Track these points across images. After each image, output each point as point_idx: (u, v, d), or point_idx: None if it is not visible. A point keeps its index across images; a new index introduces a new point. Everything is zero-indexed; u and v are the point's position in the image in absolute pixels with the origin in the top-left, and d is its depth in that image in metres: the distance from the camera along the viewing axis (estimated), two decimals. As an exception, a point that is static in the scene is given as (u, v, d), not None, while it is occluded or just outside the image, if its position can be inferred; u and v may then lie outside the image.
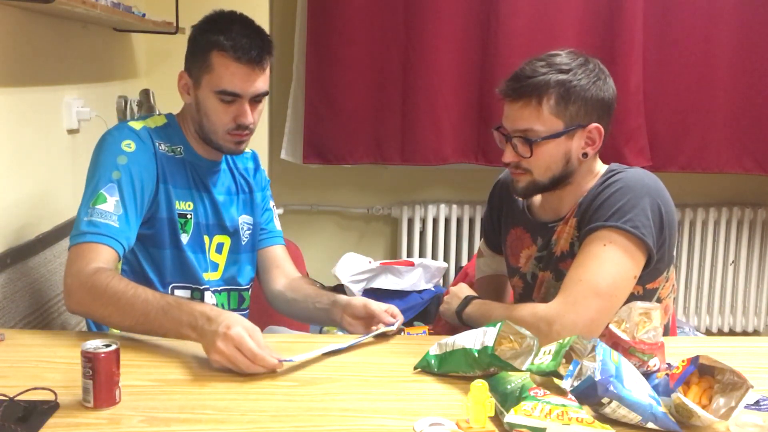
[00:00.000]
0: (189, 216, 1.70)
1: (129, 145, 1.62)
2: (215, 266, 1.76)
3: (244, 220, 1.82)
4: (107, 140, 1.64)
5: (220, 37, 1.61)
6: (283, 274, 1.87)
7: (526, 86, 1.54)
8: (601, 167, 1.65)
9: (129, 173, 1.59)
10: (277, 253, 1.90)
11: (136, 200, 1.59)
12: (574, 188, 1.62)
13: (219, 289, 1.77)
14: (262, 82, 1.65)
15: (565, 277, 1.54)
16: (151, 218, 1.63)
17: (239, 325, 1.32)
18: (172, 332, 1.41)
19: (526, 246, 1.72)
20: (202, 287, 1.72)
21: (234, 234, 1.79)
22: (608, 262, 1.50)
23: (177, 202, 1.68)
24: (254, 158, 1.90)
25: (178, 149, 1.71)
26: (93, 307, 1.49)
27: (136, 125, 1.67)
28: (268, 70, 1.66)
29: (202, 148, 1.72)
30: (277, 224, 1.94)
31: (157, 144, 1.66)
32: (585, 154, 1.59)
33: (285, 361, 1.36)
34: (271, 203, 1.94)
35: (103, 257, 1.51)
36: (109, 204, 1.55)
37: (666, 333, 1.67)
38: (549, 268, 1.65)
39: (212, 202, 1.75)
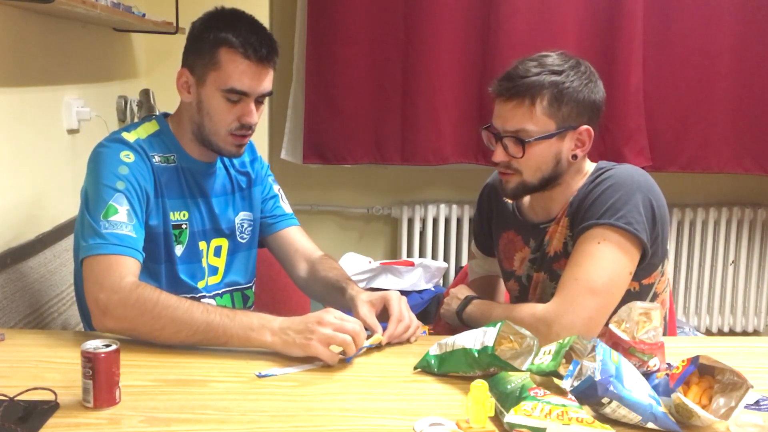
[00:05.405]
0: (184, 226, 1.68)
1: (128, 156, 1.58)
2: (214, 270, 1.74)
3: (243, 218, 1.80)
4: (104, 153, 1.59)
5: (229, 34, 1.58)
6: (303, 257, 1.84)
7: (520, 86, 1.53)
8: (589, 166, 1.65)
9: (132, 182, 1.56)
10: (293, 236, 1.86)
11: (142, 209, 1.57)
12: (563, 188, 1.62)
13: (221, 291, 1.76)
14: (268, 81, 1.63)
15: (561, 277, 1.54)
16: (148, 233, 1.59)
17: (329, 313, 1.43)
18: (237, 337, 1.42)
19: (518, 249, 1.71)
20: (197, 296, 1.69)
21: (231, 235, 1.77)
22: (603, 260, 1.50)
23: (172, 213, 1.65)
24: (250, 149, 1.85)
25: (171, 157, 1.66)
26: (140, 321, 1.44)
27: (129, 137, 1.62)
28: (272, 70, 1.64)
29: (198, 150, 1.68)
30: (286, 207, 1.90)
31: (151, 156, 1.62)
32: (575, 156, 1.59)
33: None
34: (276, 188, 1.90)
35: (132, 270, 1.49)
36: (122, 214, 1.52)
37: (665, 331, 1.67)
38: (543, 269, 1.65)
39: (208, 207, 1.72)
